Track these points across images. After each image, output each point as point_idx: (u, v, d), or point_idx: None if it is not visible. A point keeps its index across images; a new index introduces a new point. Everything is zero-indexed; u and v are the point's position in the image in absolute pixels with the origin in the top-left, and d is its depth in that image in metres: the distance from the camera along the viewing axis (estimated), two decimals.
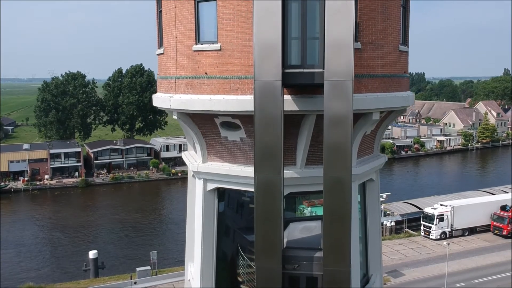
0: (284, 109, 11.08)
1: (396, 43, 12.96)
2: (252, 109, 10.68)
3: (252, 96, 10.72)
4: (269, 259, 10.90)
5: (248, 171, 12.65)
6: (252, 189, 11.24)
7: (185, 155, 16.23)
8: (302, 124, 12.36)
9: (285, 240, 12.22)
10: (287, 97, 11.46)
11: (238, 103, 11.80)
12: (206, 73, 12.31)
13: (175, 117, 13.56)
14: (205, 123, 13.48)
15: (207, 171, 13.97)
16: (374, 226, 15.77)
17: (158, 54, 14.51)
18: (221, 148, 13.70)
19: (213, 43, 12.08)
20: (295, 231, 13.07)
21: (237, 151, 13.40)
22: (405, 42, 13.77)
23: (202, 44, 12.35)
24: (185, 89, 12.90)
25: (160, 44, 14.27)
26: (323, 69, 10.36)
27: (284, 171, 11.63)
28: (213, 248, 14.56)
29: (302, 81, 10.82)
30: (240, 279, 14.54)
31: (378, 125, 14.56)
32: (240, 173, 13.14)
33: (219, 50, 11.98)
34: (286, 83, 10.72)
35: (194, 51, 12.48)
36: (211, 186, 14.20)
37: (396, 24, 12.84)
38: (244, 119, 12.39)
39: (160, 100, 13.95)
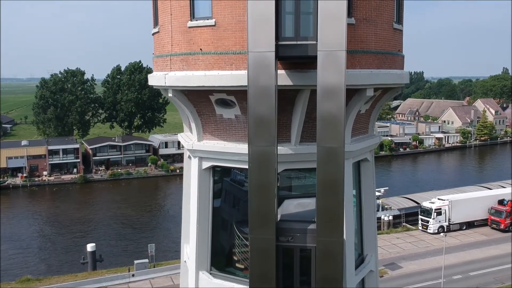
0: (278, 84, 11.13)
1: (390, 21, 13.02)
2: (247, 84, 10.72)
3: (247, 71, 10.77)
4: (263, 230, 10.97)
5: (242, 147, 12.70)
6: (247, 166, 11.29)
7: (181, 136, 16.29)
8: (297, 101, 12.42)
9: (279, 216, 12.28)
10: (281, 72, 11.52)
11: (232, 78, 11.85)
12: (201, 49, 12.36)
13: (170, 95, 13.60)
14: (200, 101, 13.53)
15: (202, 149, 14.04)
16: (369, 206, 15.84)
17: (154, 33, 14.55)
18: (216, 126, 13.76)
19: (207, 19, 12.12)
20: (290, 207, 13.14)
21: (232, 129, 13.46)
22: (399, 20, 13.82)
23: (197, 20, 12.38)
24: (180, 66, 12.95)
25: (156, 23, 14.30)
26: (317, 42, 10.43)
27: (279, 147, 11.70)
28: (209, 227, 14.62)
29: (295, 53, 10.88)
30: (235, 258, 14.61)
31: (373, 104, 14.64)
32: (235, 150, 13.21)
33: (214, 25, 12.02)
34: (279, 55, 10.78)
35: (189, 27, 12.52)
36: (206, 164, 14.26)
37: (390, 1, 12.90)
38: (239, 96, 12.45)
39: (155, 78, 14.00)
